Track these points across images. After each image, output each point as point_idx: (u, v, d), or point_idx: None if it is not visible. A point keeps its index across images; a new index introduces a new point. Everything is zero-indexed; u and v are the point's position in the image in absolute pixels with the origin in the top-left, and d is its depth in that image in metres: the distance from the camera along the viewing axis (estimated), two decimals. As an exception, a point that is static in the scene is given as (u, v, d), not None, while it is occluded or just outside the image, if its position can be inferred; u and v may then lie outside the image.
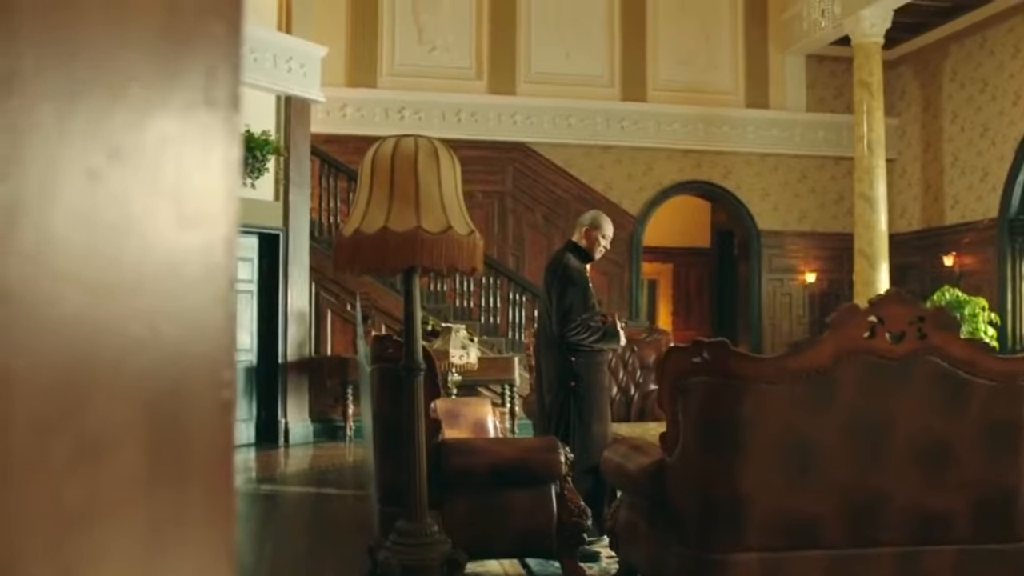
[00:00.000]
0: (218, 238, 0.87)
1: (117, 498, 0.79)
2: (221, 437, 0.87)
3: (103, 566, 0.78)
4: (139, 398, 0.81)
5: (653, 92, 12.21)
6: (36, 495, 0.73)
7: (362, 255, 3.85)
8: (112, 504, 0.79)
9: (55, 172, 0.75)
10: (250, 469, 8.31)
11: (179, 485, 0.84)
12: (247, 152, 9.17)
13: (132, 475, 0.80)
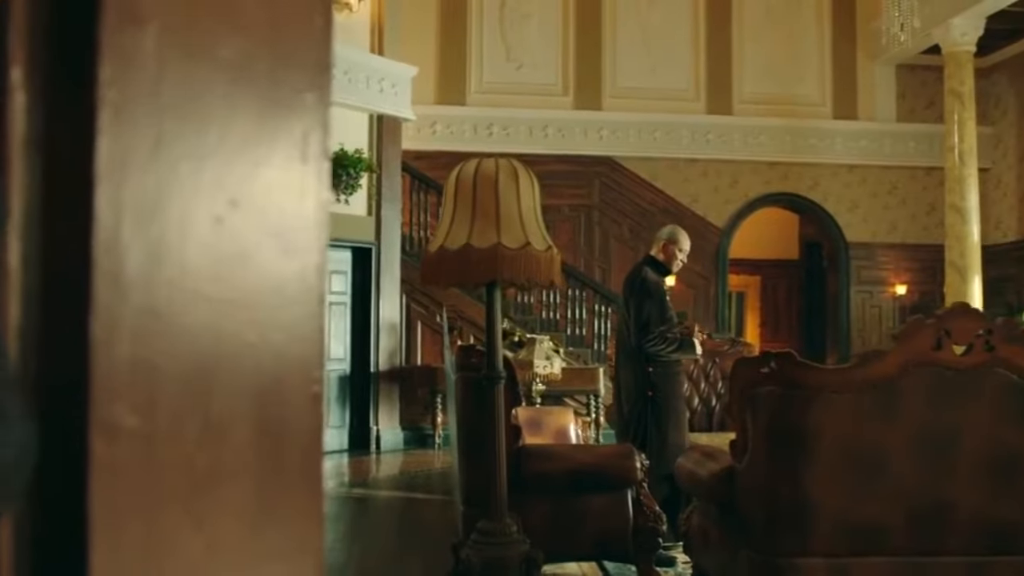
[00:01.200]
0: (311, 265, 1.10)
1: (233, 466, 1.03)
2: (312, 423, 1.10)
3: (223, 518, 1.01)
4: (250, 389, 1.04)
5: (739, 105, 12.24)
6: (175, 460, 0.97)
7: (446, 270, 4.10)
8: (230, 471, 1.02)
9: (190, 217, 0.99)
10: (342, 474, 8.66)
11: (279, 459, 1.07)
12: (341, 169, 9.57)
13: (245, 449, 1.03)
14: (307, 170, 1.08)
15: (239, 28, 1.01)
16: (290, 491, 1.07)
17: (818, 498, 3.60)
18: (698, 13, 12.28)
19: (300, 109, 1.07)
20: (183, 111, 0.97)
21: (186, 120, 0.97)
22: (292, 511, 1.07)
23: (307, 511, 1.09)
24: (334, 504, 7.03)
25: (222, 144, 1.00)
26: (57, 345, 0.90)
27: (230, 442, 1.01)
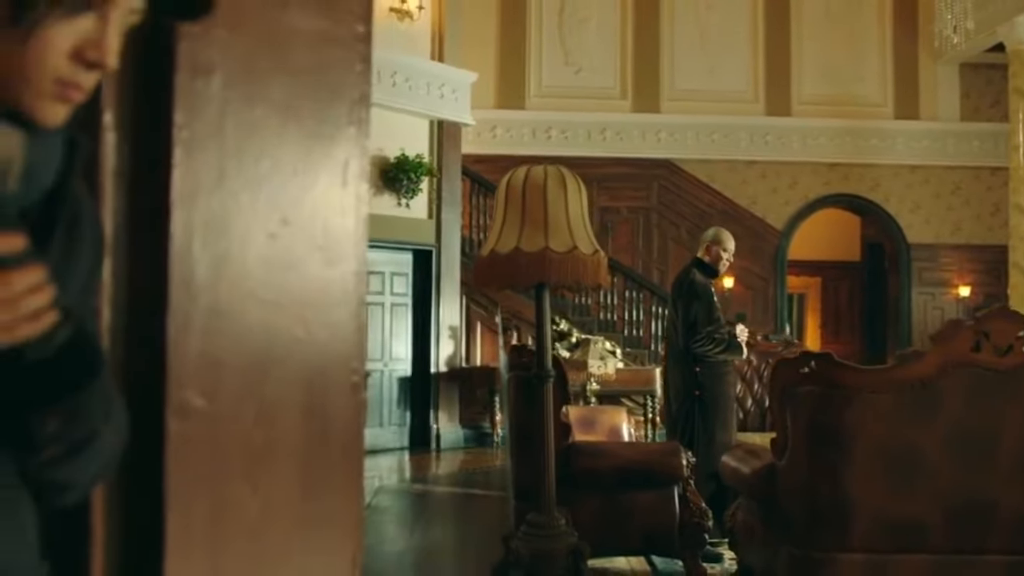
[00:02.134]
0: (350, 272, 1.29)
1: (284, 443, 1.22)
2: (352, 407, 1.29)
3: (275, 486, 1.21)
4: (298, 378, 1.23)
5: (798, 106, 12.22)
6: (235, 436, 1.17)
7: (497, 273, 4.29)
8: (281, 446, 1.22)
9: (249, 234, 1.18)
10: (403, 470, 8.91)
11: (324, 438, 1.26)
12: (402, 174, 9.82)
13: (294, 428, 1.22)
14: (347, 192, 1.28)
15: (289, 73, 1.21)
16: (333, 465, 1.26)
17: (857, 495, 3.69)
18: (756, 14, 12.29)
19: (341, 140, 1.26)
20: (242, 146, 1.17)
21: (244, 153, 1.17)
22: (335, 482, 1.26)
23: (348, 482, 1.28)
24: (395, 498, 7.27)
25: (275, 172, 1.20)
26: (140, 341, 1.10)
27: (281, 422, 1.21)
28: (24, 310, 0.76)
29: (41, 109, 0.83)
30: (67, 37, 0.81)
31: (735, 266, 12.03)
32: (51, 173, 0.86)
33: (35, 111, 0.83)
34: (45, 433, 0.84)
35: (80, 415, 0.86)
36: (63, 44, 0.81)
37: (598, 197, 12.14)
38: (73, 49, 0.82)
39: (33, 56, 0.80)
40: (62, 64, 0.82)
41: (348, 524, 1.27)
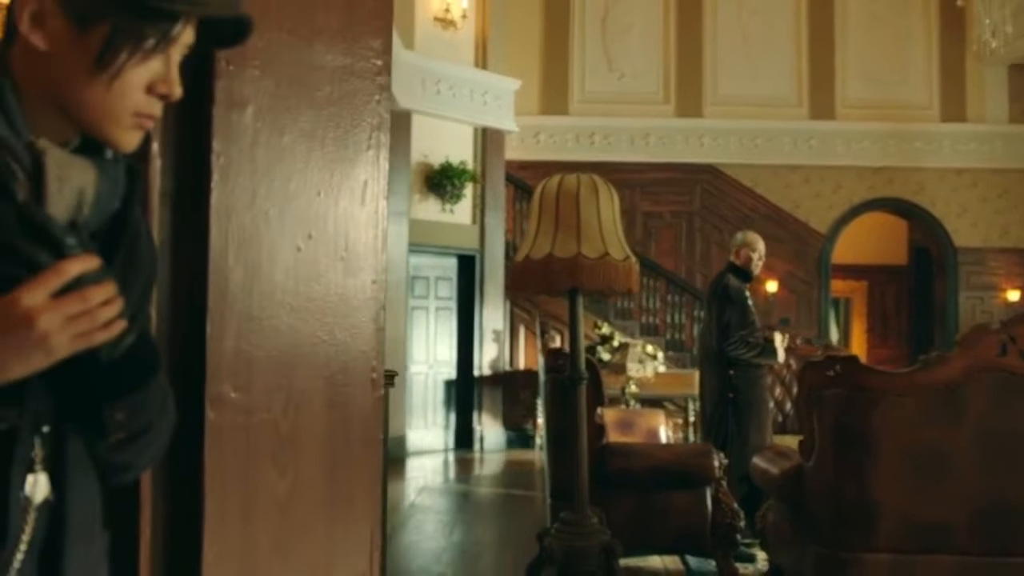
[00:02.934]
0: (368, 280, 1.44)
1: (309, 432, 1.37)
2: (371, 399, 1.44)
3: (302, 469, 1.36)
4: (322, 374, 1.39)
5: (842, 110, 12.18)
6: (265, 425, 1.32)
7: (531, 278, 4.42)
8: (307, 435, 1.37)
9: (278, 247, 1.34)
10: (447, 470, 9.09)
11: (345, 426, 1.41)
12: (446, 180, 10.00)
13: (318, 418, 1.37)
14: (366, 209, 1.43)
15: (314, 105, 1.36)
16: (354, 451, 1.41)
17: (882, 497, 3.76)
18: (800, 19, 12.28)
19: (361, 163, 1.42)
20: (272, 169, 1.33)
21: (274, 176, 1.32)
22: (355, 466, 1.41)
23: (367, 466, 1.43)
24: (437, 497, 7.44)
25: (301, 192, 1.35)
26: (182, 340, 1.26)
27: (306, 413, 1.36)
28: (99, 320, 0.91)
29: (122, 138, 1.00)
30: (143, 76, 0.98)
31: (778, 270, 12.08)
32: (117, 199, 1.02)
33: (117, 140, 1.00)
34: (112, 422, 1.00)
35: (140, 408, 1.02)
36: (140, 82, 0.98)
37: (641, 202, 12.22)
38: (147, 85, 0.99)
39: (117, 95, 0.97)
40: (139, 99, 0.99)
41: (367, 504, 1.42)
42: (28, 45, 0.95)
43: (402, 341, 9.78)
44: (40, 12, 0.94)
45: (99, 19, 0.95)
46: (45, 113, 0.98)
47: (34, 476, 0.97)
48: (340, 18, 1.38)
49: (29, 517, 0.97)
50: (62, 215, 0.96)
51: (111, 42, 0.95)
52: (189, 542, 1.24)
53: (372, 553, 1.41)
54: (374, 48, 1.42)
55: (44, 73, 0.96)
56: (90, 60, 0.95)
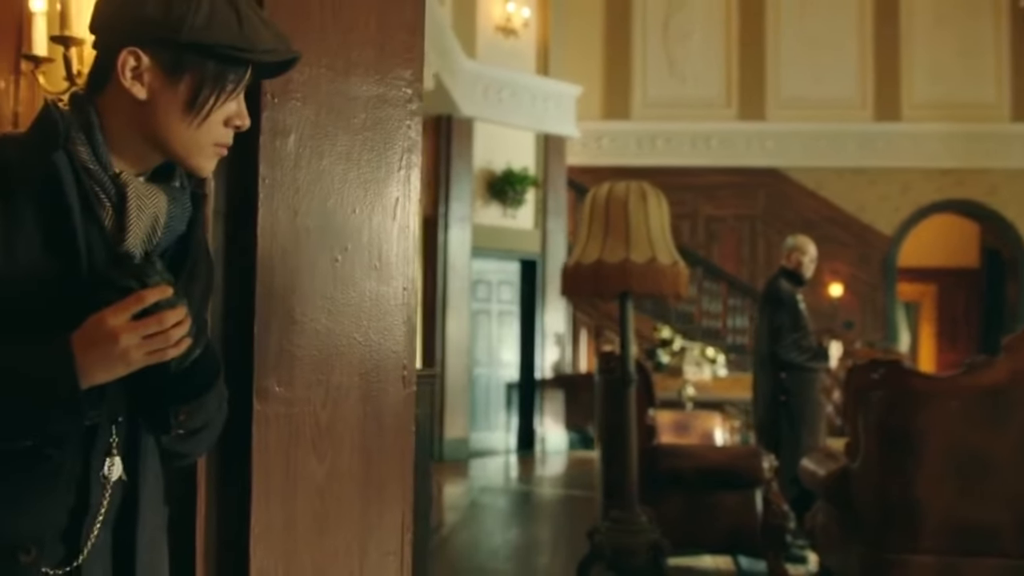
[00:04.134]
0: (400, 288, 1.60)
1: (346, 422, 1.53)
2: (402, 395, 1.60)
3: (339, 455, 1.52)
4: (357, 371, 1.55)
5: (908, 111, 12.03)
6: (306, 416, 1.49)
7: (582, 283, 4.57)
8: (344, 425, 1.53)
9: (317, 258, 1.50)
10: (508, 471, 9.25)
11: (378, 419, 1.57)
12: (507, 186, 10.18)
13: (353, 410, 1.54)
14: (397, 224, 1.59)
15: (351, 131, 1.53)
16: (386, 440, 1.57)
17: (927, 498, 3.81)
18: (864, 20, 12.17)
19: (393, 183, 1.58)
20: (312, 189, 1.49)
21: (314, 195, 1.49)
22: (387, 453, 1.57)
23: (399, 455, 1.59)
24: (496, 497, 7.61)
25: (338, 209, 1.52)
26: (234, 339, 1.43)
27: (343, 405, 1.53)
28: (171, 340, 1.10)
29: (205, 165, 1.22)
30: (222, 113, 1.19)
31: (843, 274, 11.99)
32: (183, 223, 1.20)
33: (201, 167, 1.22)
34: (176, 422, 1.18)
35: (200, 411, 1.20)
36: (220, 118, 1.20)
37: (703, 206, 12.23)
38: (225, 120, 1.20)
39: (204, 131, 1.18)
40: (219, 132, 1.21)
41: (398, 488, 1.58)
42: (126, 94, 1.14)
43: (465, 344, 9.98)
44: (139, 68, 1.13)
45: (187, 71, 1.14)
46: (126, 149, 1.18)
47: (111, 459, 1.16)
48: (374, 53, 1.54)
49: (107, 493, 1.15)
50: (140, 237, 1.15)
51: (199, 89, 1.16)
52: (238, 518, 1.41)
53: (403, 534, 1.56)
54: (405, 78, 1.57)
55: (141, 116, 1.16)
56: (181, 104, 1.16)
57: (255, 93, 1.44)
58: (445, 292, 9.81)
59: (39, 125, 1.15)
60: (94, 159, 1.14)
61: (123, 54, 1.13)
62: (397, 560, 1.56)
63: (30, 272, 1.09)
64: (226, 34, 1.14)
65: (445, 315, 9.78)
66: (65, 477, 1.12)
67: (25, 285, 1.09)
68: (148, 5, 1.12)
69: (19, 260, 1.09)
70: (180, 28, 1.12)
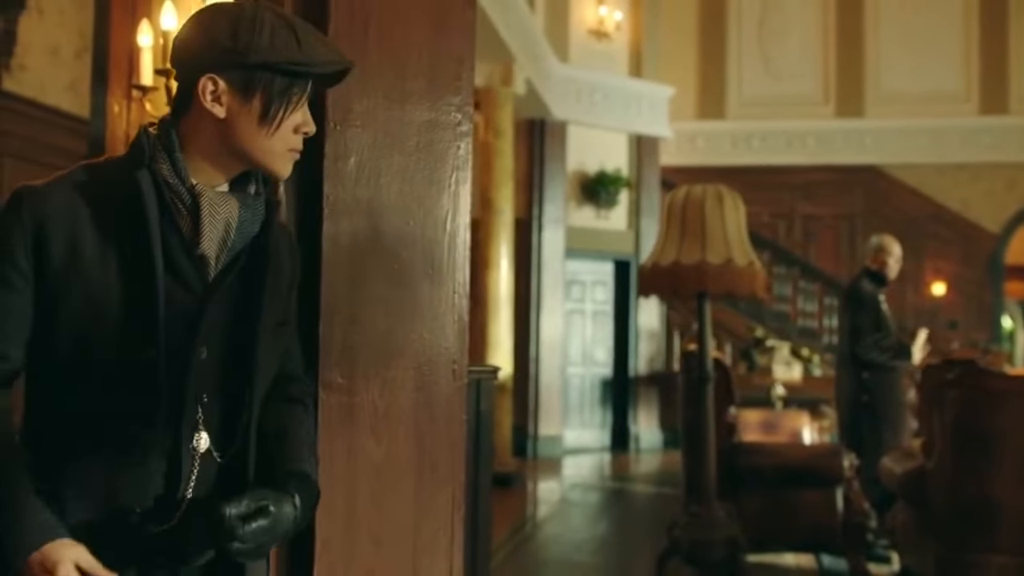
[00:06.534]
0: (451, 291, 1.79)
1: (401, 410, 1.73)
2: (453, 387, 1.79)
3: (395, 439, 1.72)
4: (412, 365, 1.75)
5: (1016, 103, 11.67)
6: (365, 403, 1.69)
7: (659, 283, 4.69)
8: (399, 412, 1.73)
9: (376, 265, 1.70)
10: (601, 468, 9.39)
11: (430, 407, 1.77)
12: (600, 187, 10.31)
13: (408, 400, 1.73)
14: (447, 234, 1.78)
15: (404, 152, 1.73)
16: (438, 426, 1.77)
17: (1004, 498, 3.81)
18: (969, 11, 11.83)
19: (444, 198, 1.77)
20: (370, 206, 1.70)
21: (372, 212, 1.70)
22: (439, 438, 1.77)
23: (449, 440, 1.78)
24: (586, 493, 7.76)
25: (394, 222, 1.72)
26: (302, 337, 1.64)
27: (399, 395, 1.73)
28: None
29: (282, 169, 1.42)
30: (292, 122, 1.39)
31: (946, 272, 11.72)
32: (256, 225, 1.40)
33: (279, 171, 1.41)
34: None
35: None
36: (290, 126, 1.39)
37: (800, 205, 12.12)
38: (294, 127, 1.39)
39: (278, 139, 1.38)
40: (291, 138, 1.41)
41: (449, 470, 1.77)
42: (207, 115, 1.35)
43: (559, 343, 10.15)
44: (217, 91, 1.34)
45: (258, 89, 1.34)
46: (207, 163, 1.38)
47: (198, 434, 1.36)
48: (426, 82, 1.74)
49: (195, 463, 1.35)
50: (214, 240, 1.35)
51: (269, 103, 1.35)
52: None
53: (453, 513, 1.75)
54: (454, 104, 1.76)
55: (222, 133, 1.36)
56: (256, 118, 1.35)
57: (320, 120, 1.64)
58: (539, 292, 10.00)
59: (131, 148, 1.38)
60: (173, 174, 1.34)
61: (202, 80, 1.33)
62: (448, 536, 1.75)
63: (116, 274, 1.30)
64: (287, 52, 1.32)
65: (540, 315, 9.97)
66: (157, 450, 1.33)
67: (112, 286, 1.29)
68: (218, 35, 1.32)
69: (108, 264, 1.30)
70: (248, 51, 1.32)
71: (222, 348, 1.36)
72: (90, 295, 1.29)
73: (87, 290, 1.29)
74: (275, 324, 1.42)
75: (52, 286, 1.30)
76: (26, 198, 1.31)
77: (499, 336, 8.18)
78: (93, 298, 1.29)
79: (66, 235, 1.30)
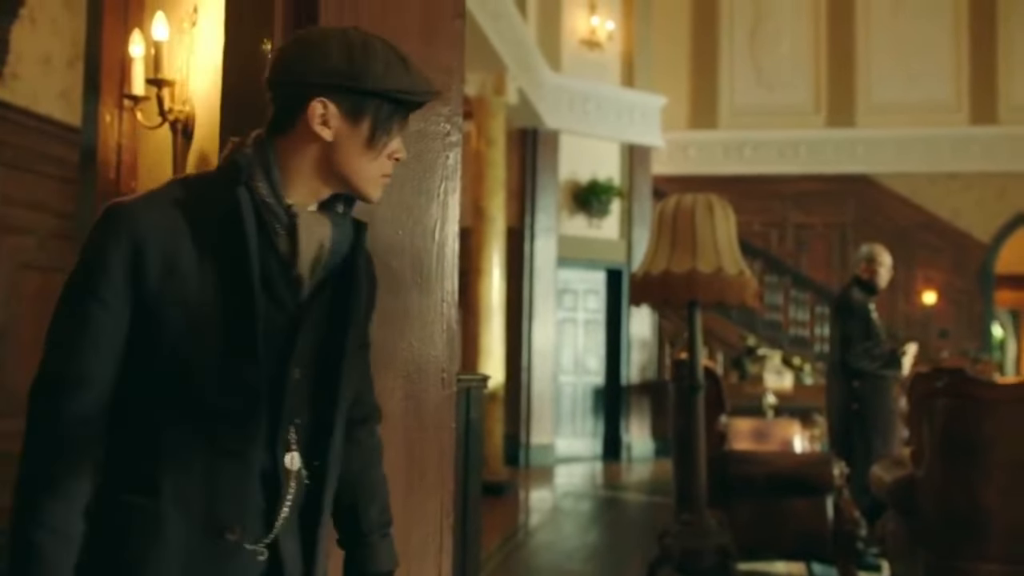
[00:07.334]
0: (439, 300, 1.80)
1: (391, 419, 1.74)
2: (442, 395, 1.80)
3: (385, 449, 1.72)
4: (401, 373, 1.76)
5: (1006, 113, 11.74)
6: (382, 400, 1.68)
7: (650, 292, 4.71)
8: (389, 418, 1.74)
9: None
10: (593, 477, 9.39)
11: (419, 415, 1.78)
12: (592, 196, 10.34)
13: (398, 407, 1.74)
14: (436, 243, 1.79)
15: (394, 162, 1.72)
16: (426, 434, 1.79)
17: (992, 506, 3.83)
18: (959, 21, 11.92)
19: (433, 207, 1.79)
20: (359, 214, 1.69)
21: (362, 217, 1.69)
22: (427, 446, 1.78)
23: (438, 447, 1.80)
24: (580, 502, 7.77)
25: (384, 230, 1.73)
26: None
27: (387, 403, 1.74)
28: None
29: (374, 193, 1.43)
30: (389, 148, 1.41)
31: (937, 281, 11.76)
32: (347, 245, 1.41)
33: (371, 195, 1.43)
34: None
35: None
36: (387, 153, 1.41)
37: (792, 214, 12.16)
38: (390, 153, 1.42)
39: (377, 165, 1.40)
40: (386, 164, 1.43)
41: (438, 477, 1.78)
42: (310, 136, 1.35)
43: (551, 352, 10.16)
44: (326, 115, 1.34)
45: (367, 114, 1.36)
46: (302, 184, 1.38)
47: (290, 455, 1.37)
48: (415, 93, 1.75)
49: (291, 482, 1.37)
50: (308, 261, 1.36)
51: (375, 130, 1.37)
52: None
53: (442, 520, 1.76)
54: (443, 114, 1.78)
55: (324, 155, 1.36)
56: (362, 143, 1.37)
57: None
58: (531, 301, 10.02)
59: (226, 165, 1.37)
60: (271, 193, 1.34)
61: (313, 103, 1.33)
62: (436, 543, 1.76)
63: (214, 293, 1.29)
64: (398, 80, 1.34)
65: (532, 324, 9.99)
66: (256, 469, 1.34)
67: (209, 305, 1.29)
68: (332, 59, 1.33)
69: (206, 283, 1.29)
70: (363, 77, 1.33)
71: (311, 369, 1.38)
72: (188, 314, 1.29)
73: (186, 309, 1.28)
74: (357, 346, 1.45)
75: (150, 306, 1.28)
76: (123, 216, 1.29)
77: (491, 344, 8.19)
78: (191, 317, 1.29)
79: (164, 254, 1.28)
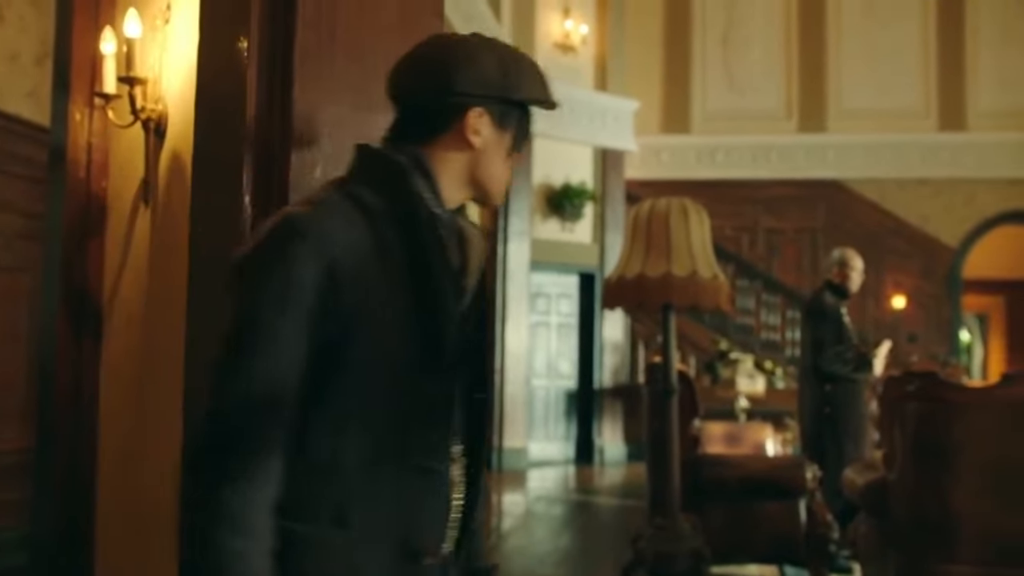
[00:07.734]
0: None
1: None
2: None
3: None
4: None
5: (974, 120, 11.88)
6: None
7: (624, 295, 4.70)
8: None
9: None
10: (565, 481, 9.38)
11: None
12: (566, 200, 10.34)
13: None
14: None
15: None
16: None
17: (963, 510, 3.85)
18: (928, 29, 12.06)
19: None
20: (336, 215, 1.65)
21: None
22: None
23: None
24: (552, 506, 7.75)
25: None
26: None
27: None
28: None
29: (501, 197, 1.44)
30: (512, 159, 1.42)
31: (906, 286, 11.88)
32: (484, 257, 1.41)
33: (498, 200, 1.44)
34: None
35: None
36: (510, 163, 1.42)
37: (763, 219, 12.24)
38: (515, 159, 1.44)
39: (509, 171, 1.42)
40: (510, 171, 1.44)
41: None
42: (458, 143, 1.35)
43: (524, 356, 10.15)
44: (478, 124, 1.34)
45: (511, 122, 1.38)
46: (447, 191, 1.37)
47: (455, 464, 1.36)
48: (393, 92, 1.72)
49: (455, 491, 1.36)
50: (474, 275, 1.36)
51: (518, 136, 1.40)
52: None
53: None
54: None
55: (468, 162, 1.37)
56: (505, 151, 1.40)
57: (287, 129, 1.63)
58: (504, 305, 10.00)
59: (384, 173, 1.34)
60: (436, 203, 1.33)
61: (472, 112, 1.34)
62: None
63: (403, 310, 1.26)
64: (538, 91, 1.39)
65: (504, 327, 9.97)
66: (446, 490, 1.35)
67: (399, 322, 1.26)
68: (489, 70, 1.34)
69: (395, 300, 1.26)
70: (514, 88, 1.35)
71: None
72: (378, 330, 1.25)
73: (375, 326, 1.25)
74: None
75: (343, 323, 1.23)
76: (310, 232, 1.23)
77: (464, 348, 8.14)
78: (381, 333, 1.25)
79: (353, 269, 1.23)
